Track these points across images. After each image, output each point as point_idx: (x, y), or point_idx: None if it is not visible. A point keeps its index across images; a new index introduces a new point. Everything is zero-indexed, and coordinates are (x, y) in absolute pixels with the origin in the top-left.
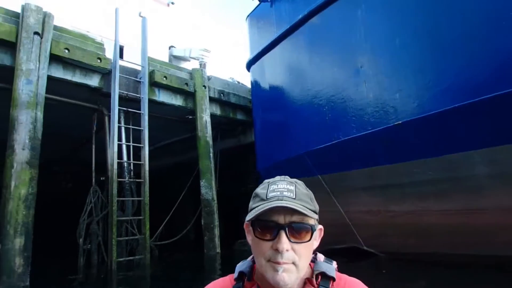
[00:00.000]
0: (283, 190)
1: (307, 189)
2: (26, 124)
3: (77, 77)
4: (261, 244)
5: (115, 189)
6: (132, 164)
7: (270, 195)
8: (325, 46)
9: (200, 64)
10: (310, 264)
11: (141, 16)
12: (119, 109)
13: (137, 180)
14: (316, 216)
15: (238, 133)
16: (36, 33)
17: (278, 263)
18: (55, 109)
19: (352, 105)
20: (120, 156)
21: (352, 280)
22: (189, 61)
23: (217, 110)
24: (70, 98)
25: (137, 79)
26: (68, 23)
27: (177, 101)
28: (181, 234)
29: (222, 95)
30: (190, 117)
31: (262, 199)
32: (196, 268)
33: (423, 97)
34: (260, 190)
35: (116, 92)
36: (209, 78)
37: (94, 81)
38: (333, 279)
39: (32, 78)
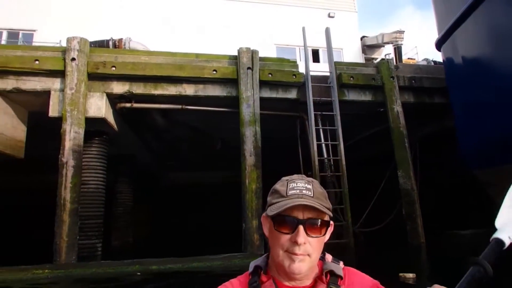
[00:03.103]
0: (302, 189)
1: (322, 187)
2: (250, 137)
3: (280, 94)
4: (281, 236)
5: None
6: (332, 160)
7: (290, 192)
8: None
9: (395, 48)
10: (318, 264)
11: (330, 17)
12: (314, 114)
13: (336, 173)
14: (330, 213)
15: (437, 117)
16: (248, 68)
17: (296, 254)
18: (268, 121)
19: None
20: (321, 153)
21: (356, 274)
22: (383, 46)
23: (410, 98)
24: (277, 111)
25: (327, 84)
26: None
27: (366, 97)
28: (384, 223)
29: (413, 81)
30: (382, 109)
31: (282, 196)
32: (400, 256)
33: None
34: (279, 187)
35: (310, 99)
36: (397, 68)
37: (292, 94)
38: (341, 277)
39: (250, 102)
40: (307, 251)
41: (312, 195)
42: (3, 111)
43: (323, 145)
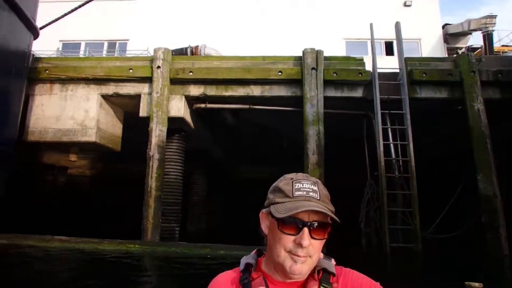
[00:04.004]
0: (308, 190)
1: (325, 189)
2: (313, 136)
3: (345, 93)
4: (284, 237)
5: (385, 183)
6: (400, 160)
7: (297, 193)
8: None
9: (485, 36)
10: None
11: (407, 5)
12: (382, 113)
13: (405, 175)
14: (336, 218)
15: None
16: (313, 68)
17: (298, 256)
18: (333, 119)
19: None
20: (388, 153)
21: (349, 271)
22: (470, 34)
23: (495, 94)
24: (342, 110)
25: (397, 82)
26: None
27: (441, 94)
28: (461, 230)
29: (499, 75)
30: (460, 107)
31: (288, 196)
32: (474, 267)
33: None
34: (283, 185)
35: (377, 98)
36: (479, 61)
37: (358, 92)
38: (333, 274)
39: (314, 102)
40: (309, 253)
41: (318, 198)
42: (106, 112)
43: (391, 145)
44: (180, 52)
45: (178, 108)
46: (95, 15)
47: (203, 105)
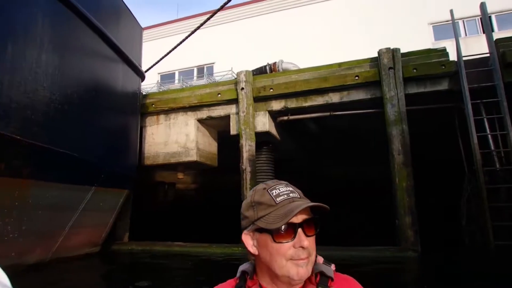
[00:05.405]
0: (287, 193)
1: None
2: (397, 136)
3: (428, 87)
4: (282, 246)
5: (482, 178)
6: (502, 152)
7: (279, 199)
8: None
9: None
10: None
11: None
12: (473, 103)
13: (508, 167)
14: (325, 206)
15: None
16: (390, 68)
17: (302, 259)
18: (419, 116)
19: None
20: (486, 145)
21: (348, 278)
22: None
23: None
24: (428, 105)
25: (488, 68)
26: None
27: None
28: None
29: None
30: None
31: (271, 205)
32: None
33: None
34: (260, 198)
35: (465, 88)
36: None
37: (443, 85)
38: (331, 279)
39: (394, 101)
40: (310, 252)
41: (299, 196)
42: (202, 134)
43: (489, 136)
44: (260, 71)
45: (263, 123)
46: (184, 45)
47: (285, 118)
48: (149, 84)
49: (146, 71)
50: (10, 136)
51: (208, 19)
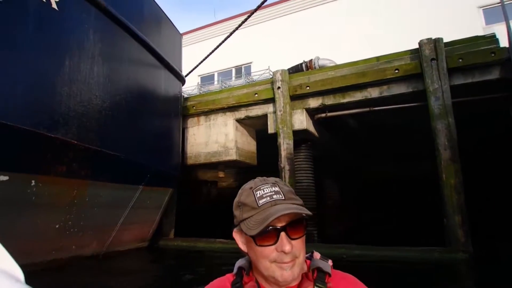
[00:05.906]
0: (271, 194)
1: (287, 184)
2: (442, 130)
3: (477, 77)
4: (264, 250)
5: None
6: None
7: (261, 202)
8: None
9: None
10: (306, 261)
11: None
12: None
13: None
14: (307, 211)
15: None
16: (432, 59)
17: (285, 263)
18: (469, 108)
19: None
20: None
21: (346, 276)
22: None
23: None
24: (478, 95)
25: None
26: None
27: None
28: None
29: None
30: None
31: (253, 208)
32: None
33: None
34: (245, 198)
35: None
36: None
37: (494, 74)
38: (329, 274)
39: (438, 95)
40: (295, 255)
41: (283, 198)
42: (241, 133)
43: None
44: (296, 69)
45: (301, 121)
46: (222, 46)
47: (323, 115)
48: (190, 86)
49: (186, 75)
50: (70, 142)
51: (245, 20)
